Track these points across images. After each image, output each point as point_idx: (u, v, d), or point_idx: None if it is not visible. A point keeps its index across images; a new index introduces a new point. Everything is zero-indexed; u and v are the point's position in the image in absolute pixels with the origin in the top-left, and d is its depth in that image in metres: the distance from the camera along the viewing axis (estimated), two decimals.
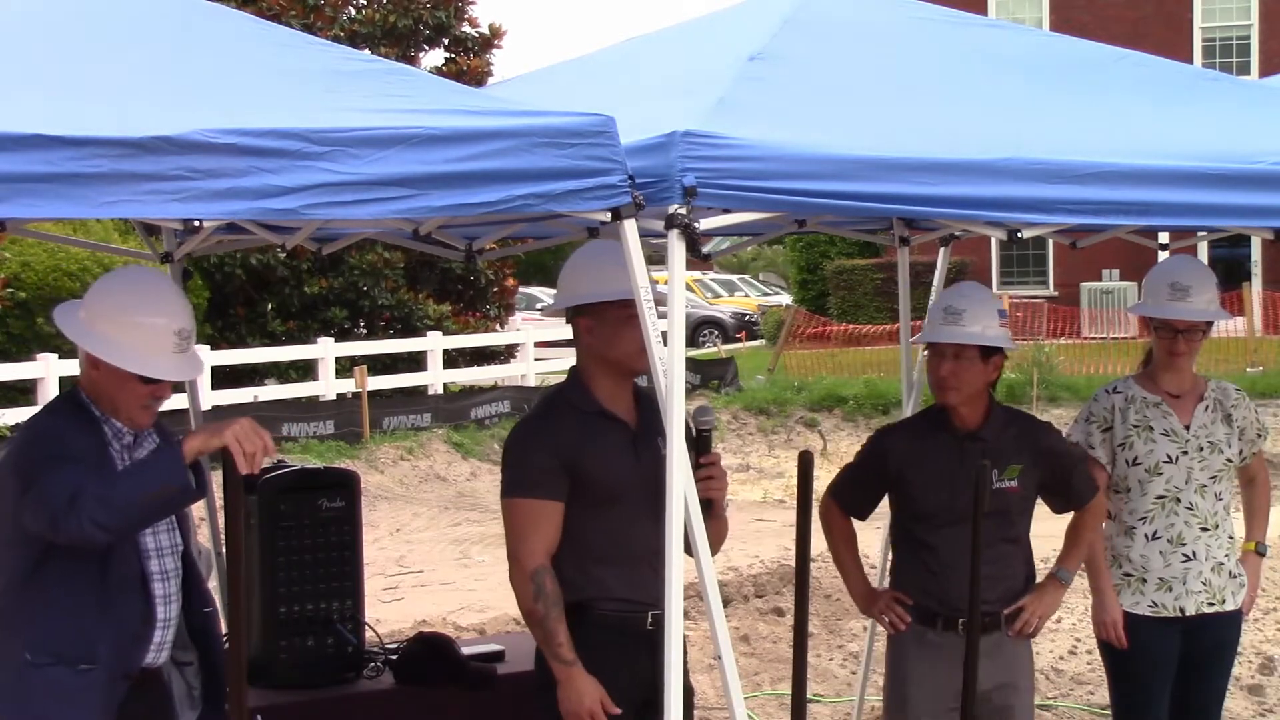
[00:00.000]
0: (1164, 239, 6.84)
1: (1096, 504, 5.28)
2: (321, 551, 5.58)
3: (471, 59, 22.43)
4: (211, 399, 16.85)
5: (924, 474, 5.01)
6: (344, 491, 5.68)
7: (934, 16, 5.38)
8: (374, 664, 5.68)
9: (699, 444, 4.44)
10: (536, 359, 24.25)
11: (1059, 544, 5.31)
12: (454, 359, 22.39)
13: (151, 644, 4.22)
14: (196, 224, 3.91)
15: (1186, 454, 5.42)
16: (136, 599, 4.17)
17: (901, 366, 6.66)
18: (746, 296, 45.05)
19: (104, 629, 4.08)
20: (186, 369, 4.21)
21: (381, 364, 20.67)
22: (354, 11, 22.48)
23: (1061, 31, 8.91)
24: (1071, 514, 5.28)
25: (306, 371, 20.41)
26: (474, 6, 22.90)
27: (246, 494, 5.16)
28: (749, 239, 7.88)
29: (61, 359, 15.56)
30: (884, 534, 5.86)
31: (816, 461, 4.62)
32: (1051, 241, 8.02)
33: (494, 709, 5.49)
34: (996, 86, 4.94)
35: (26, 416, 6.02)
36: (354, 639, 5.62)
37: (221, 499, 4.14)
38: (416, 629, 8.24)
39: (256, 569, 5.49)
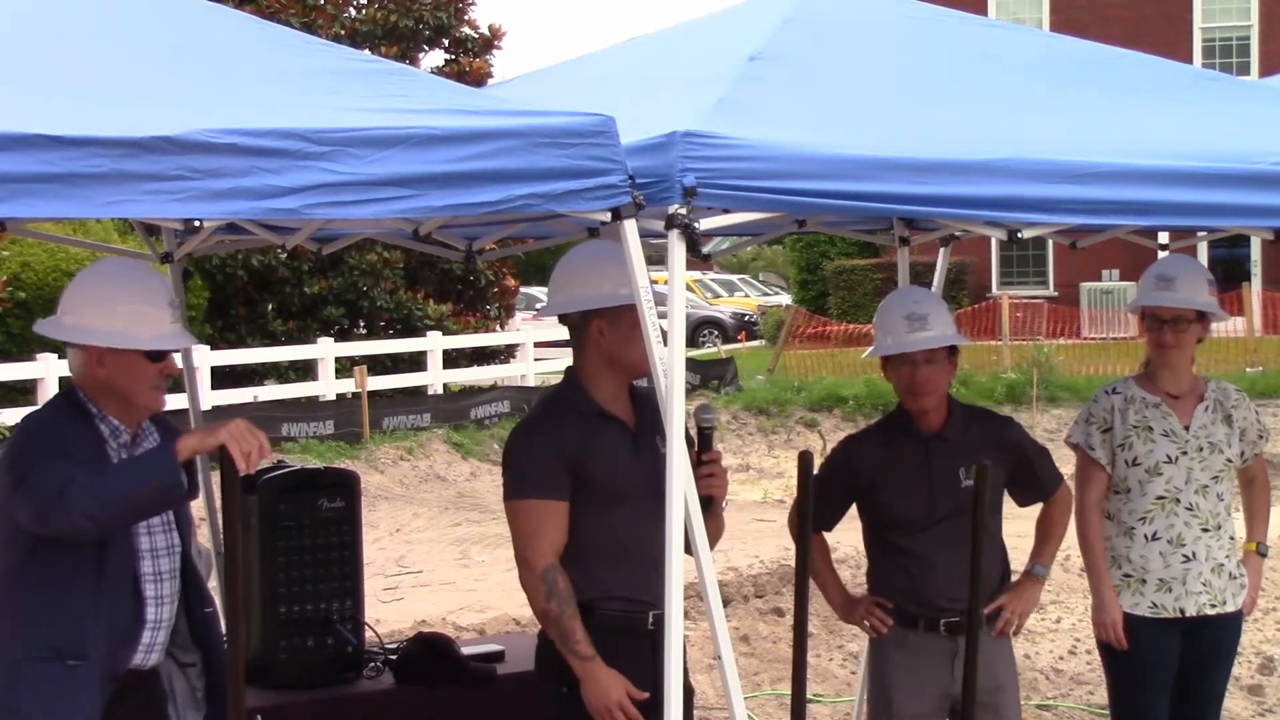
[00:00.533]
0: (1164, 239, 6.84)
1: (1062, 495, 5.26)
2: (321, 551, 5.58)
3: (472, 60, 22.45)
4: (211, 399, 16.85)
5: (895, 480, 5.01)
6: (344, 491, 5.69)
7: (934, 17, 5.39)
8: (374, 664, 5.68)
9: (700, 441, 4.44)
10: (536, 359, 24.26)
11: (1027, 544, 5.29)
12: (454, 359, 22.39)
13: (140, 645, 4.19)
14: (197, 224, 3.91)
15: (1186, 454, 5.41)
16: (128, 599, 4.14)
17: None
18: (746, 296, 45.04)
19: (96, 627, 4.06)
20: (187, 338, 4.32)
21: (381, 364, 20.68)
22: (354, 11, 22.49)
23: (1061, 31, 8.91)
24: (1039, 510, 5.27)
25: (306, 371, 20.41)
26: (474, 8, 22.94)
27: (246, 494, 5.18)
28: (749, 239, 7.88)
29: (61, 359, 15.55)
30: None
31: (816, 461, 4.62)
32: (1051, 241, 8.01)
33: (494, 709, 5.49)
34: (996, 86, 4.94)
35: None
36: (354, 639, 5.62)
37: (220, 499, 4.14)
38: (416, 629, 8.24)
39: (256, 569, 5.49)
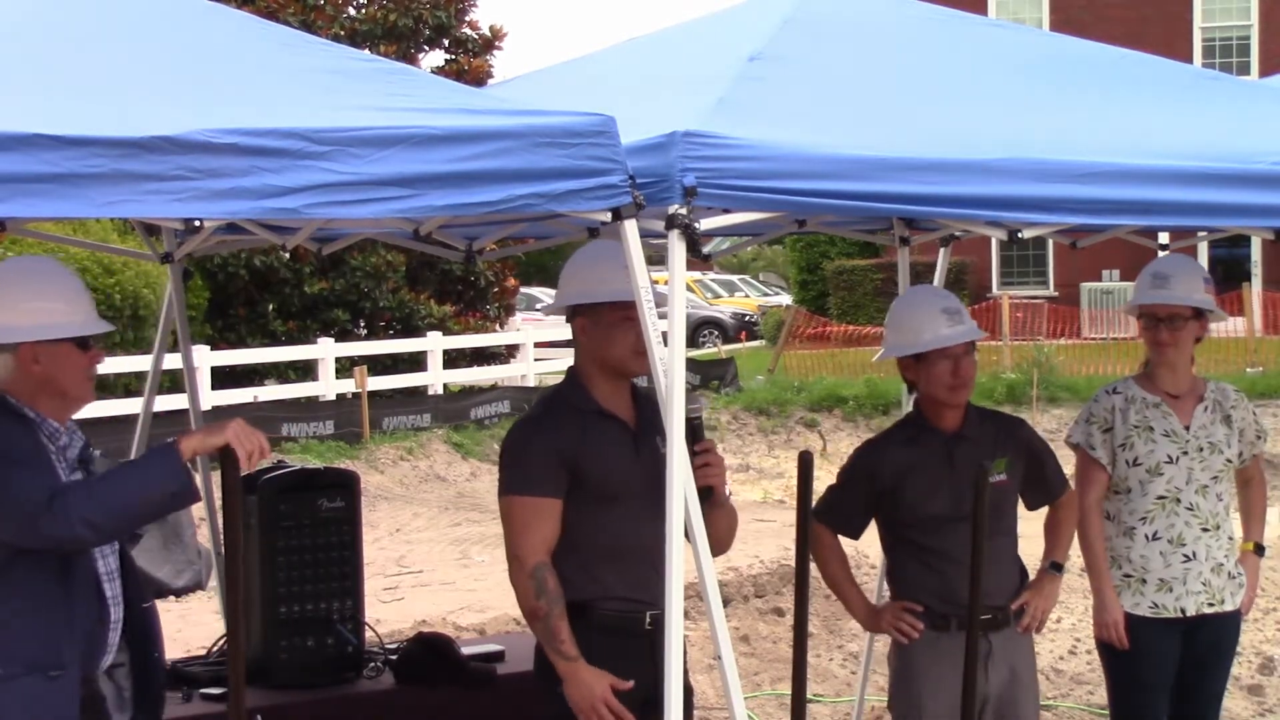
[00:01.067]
0: (1164, 239, 6.83)
1: (1070, 496, 5.29)
2: (321, 551, 5.58)
3: (472, 60, 22.44)
4: (211, 399, 16.85)
5: (921, 481, 4.99)
6: (344, 492, 5.69)
7: (934, 16, 5.39)
8: (374, 664, 5.69)
9: (691, 433, 4.43)
10: (536, 359, 24.27)
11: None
12: (454, 359, 22.40)
13: (108, 645, 4.17)
14: (197, 224, 3.91)
15: (1187, 454, 5.42)
16: (93, 601, 4.11)
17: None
18: (746, 297, 45.04)
19: (67, 633, 4.00)
20: (106, 324, 4.23)
21: (382, 364, 20.68)
22: (354, 10, 22.49)
23: (1061, 31, 8.90)
24: (1045, 512, 5.28)
25: (306, 372, 20.41)
26: (475, 8, 22.92)
27: (246, 494, 5.19)
28: (749, 239, 7.88)
29: None
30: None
31: (816, 462, 4.62)
32: (1051, 241, 8.02)
33: (494, 709, 5.49)
34: (997, 86, 4.93)
35: None
36: (354, 639, 5.62)
37: (220, 499, 4.13)
38: (416, 629, 8.24)
39: (256, 569, 5.50)
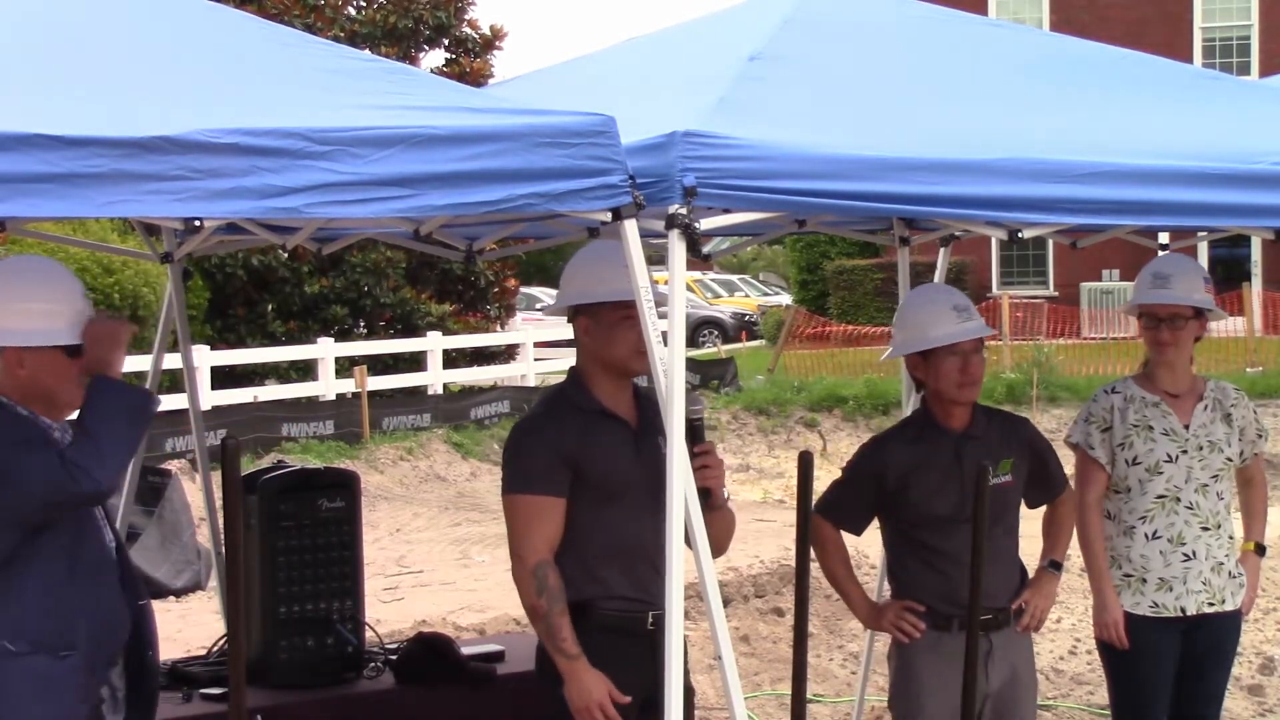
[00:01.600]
0: (1164, 239, 6.84)
1: (1069, 494, 5.31)
2: (321, 551, 5.58)
3: (472, 60, 22.45)
4: (211, 399, 16.86)
5: (928, 480, 4.99)
6: (344, 492, 5.68)
7: (934, 16, 5.39)
8: (374, 664, 5.68)
9: (691, 434, 4.43)
10: (536, 359, 24.26)
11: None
12: (454, 359, 22.39)
13: (118, 631, 4.19)
14: (197, 224, 3.91)
15: (1186, 453, 5.42)
16: (113, 583, 4.16)
17: (902, 367, 6.64)
18: (746, 296, 45.04)
19: (82, 614, 4.06)
20: None
21: (382, 364, 20.67)
22: (354, 11, 22.49)
23: (1061, 31, 8.91)
24: (1044, 511, 5.29)
25: (306, 371, 20.40)
26: (474, 8, 22.94)
27: (246, 494, 5.19)
28: (749, 239, 7.88)
29: None
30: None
31: (816, 462, 4.62)
32: (1051, 241, 8.02)
33: (494, 709, 5.49)
34: (997, 86, 4.93)
35: None
36: (354, 639, 5.62)
37: (220, 499, 4.13)
38: (416, 629, 8.24)
39: (256, 569, 5.49)
